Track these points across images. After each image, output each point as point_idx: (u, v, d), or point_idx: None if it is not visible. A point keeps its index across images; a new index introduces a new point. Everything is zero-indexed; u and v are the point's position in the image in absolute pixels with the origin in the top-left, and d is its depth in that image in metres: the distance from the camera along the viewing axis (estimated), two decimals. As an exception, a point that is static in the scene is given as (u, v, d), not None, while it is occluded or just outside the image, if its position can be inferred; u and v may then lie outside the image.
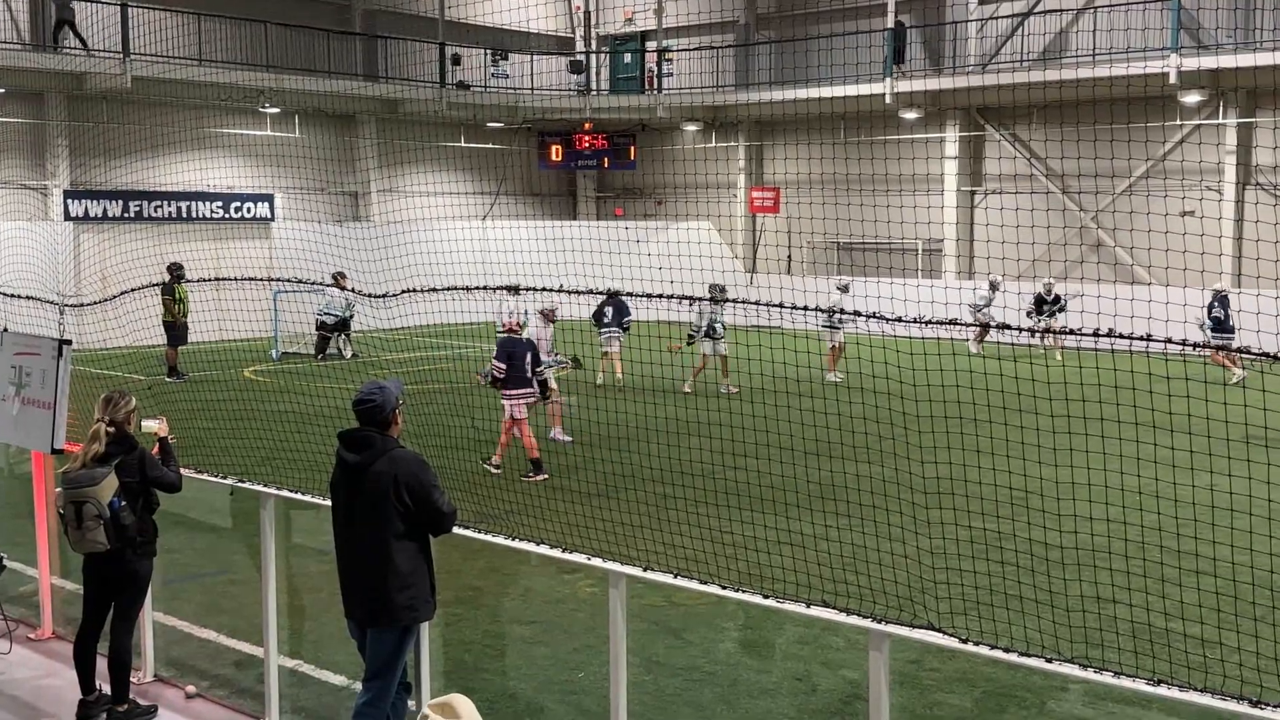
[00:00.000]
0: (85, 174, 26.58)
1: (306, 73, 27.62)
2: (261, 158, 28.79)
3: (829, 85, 27.03)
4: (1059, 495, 8.17)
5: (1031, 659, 4.77)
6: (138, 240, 21.15)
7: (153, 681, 7.38)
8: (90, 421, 6.89)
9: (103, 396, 6.85)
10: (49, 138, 26.14)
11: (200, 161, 26.55)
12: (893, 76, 27.48)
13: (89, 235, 25.18)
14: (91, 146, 26.29)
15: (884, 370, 8.64)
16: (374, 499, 5.68)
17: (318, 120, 29.87)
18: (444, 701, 3.16)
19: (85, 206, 25.88)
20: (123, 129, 26.29)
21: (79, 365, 9.00)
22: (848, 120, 28.96)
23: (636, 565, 5.86)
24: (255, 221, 28.08)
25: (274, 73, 26.79)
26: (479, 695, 6.93)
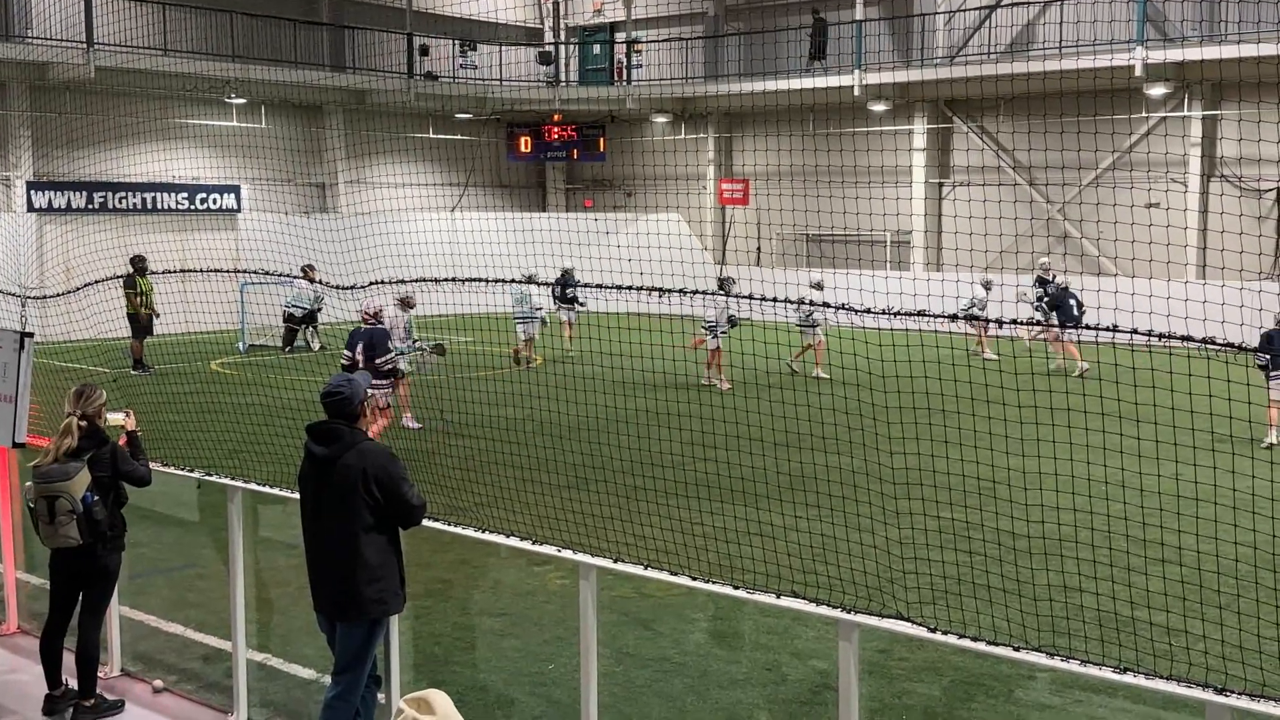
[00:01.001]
0: (48, 165, 26.28)
1: (273, 63, 27.40)
2: (227, 149, 28.55)
3: (798, 77, 27.08)
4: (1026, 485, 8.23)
5: (999, 648, 4.80)
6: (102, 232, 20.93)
7: (119, 676, 7.32)
8: (54, 415, 6.82)
9: (73, 390, 6.79)
10: (11, 128, 25.83)
11: (165, 152, 26.30)
12: (813, 74, 27.53)
13: (52, 227, 24.89)
14: (55, 137, 25.98)
15: (853, 362, 8.67)
16: (343, 492, 5.65)
17: (284, 111, 29.65)
18: (420, 696, 3.14)
19: (49, 198, 25.60)
20: (86, 119, 26.01)
21: (42, 358, 8.90)
22: (816, 112, 29.03)
23: (607, 557, 5.86)
24: (221, 213, 27.87)
25: (240, 63, 26.57)
26: (449, 688, 6.90)
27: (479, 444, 12.79)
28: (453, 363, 19.28)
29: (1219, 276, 21.12)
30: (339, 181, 30.93)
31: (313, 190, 31.15)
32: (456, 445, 12.71)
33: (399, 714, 3.09)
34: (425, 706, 3.10)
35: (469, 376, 17.46)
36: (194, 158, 27.69)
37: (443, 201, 32.63)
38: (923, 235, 28.99)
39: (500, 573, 9.47)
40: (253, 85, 27.05)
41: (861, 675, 5.38)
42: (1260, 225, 24.15)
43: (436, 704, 3.11)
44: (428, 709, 3.10)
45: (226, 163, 28.64)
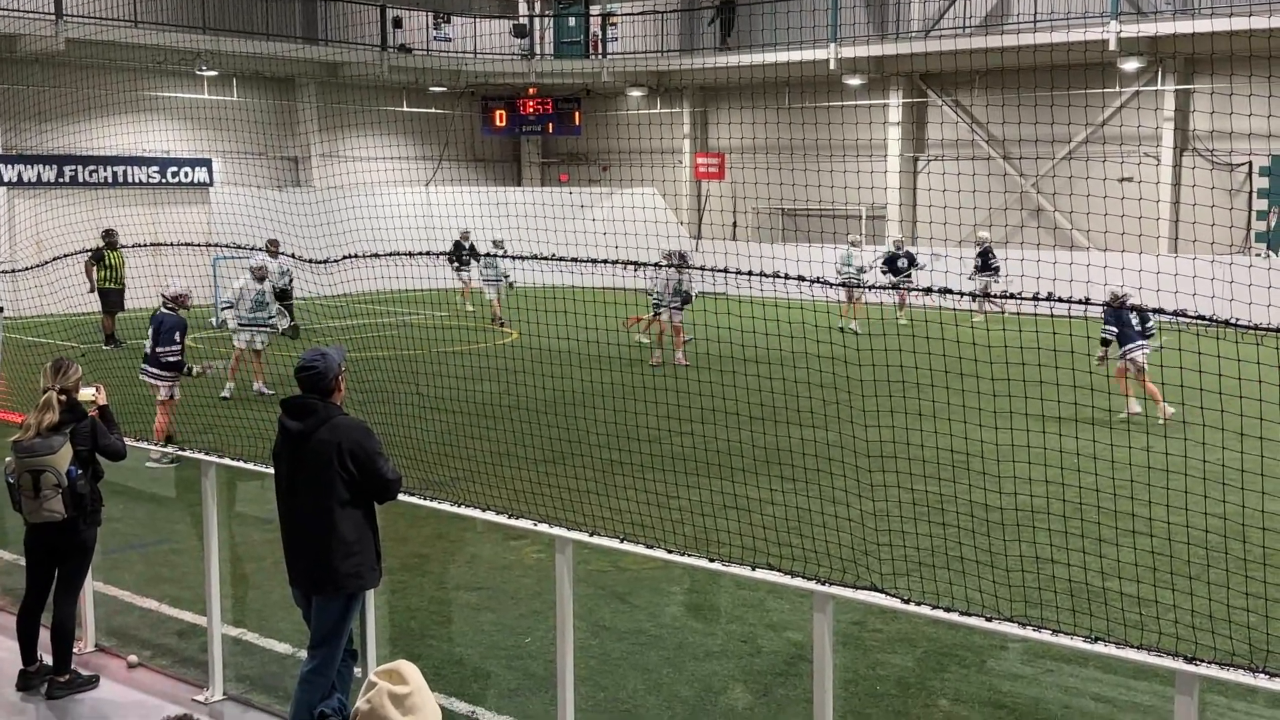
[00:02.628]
0: (17, 138, 25.98)
1: (244, 35, 27.13)
2: (199, 121, 28.28)
3: (773, 51, 27.02)
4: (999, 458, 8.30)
5: (972, 618, 4.84)
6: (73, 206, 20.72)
7: (94, 651, 7.30)
8: (23, 390, 6.77)
9: (50, 364, 6.76)
10: (-21, 101, 25.52)
11: (136, 125, 26.03)
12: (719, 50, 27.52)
13: (22, 201, 24.63)
14: (24, 110, 25.66)
15: (828, 335, 8.69)
16: (317, 467, 5.64)
17: (256, 83, 29.38)
18: (391, 668, 3.15)
19: (18, 171, 25.32)
20: (56, 92, 25.69)
21: (11, 333, 8.83)
22: (792, 86, 28.98)
23: (583, 530, 5.88)
24: (193, 186, 27.63)
25: (211, 34, 26.29)
26: (425, 661, 6.93)
27: (455, 419, 12.77)
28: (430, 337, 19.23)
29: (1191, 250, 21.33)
30: (312, 155, 30.70)
31: (285, 164, 30.91)
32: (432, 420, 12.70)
33: (371, 686, 3.09)
34: (397, 677, 3.11)
35: (445, 351, 17.42)
36: (165, 131, 27.39)
37: (417, 175, 32.45)
38: (898, 209, 29.03)
39: (477, 547, 9.49)
40: (224, 57, 26.77)
41: (836, 646, 5.43)
42: (1232, 199, 24.30)
43: (408, 675, 3.12)
44: (400, 680, 3.10)
45: (198, 136, 28.38)
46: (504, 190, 33.05)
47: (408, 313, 23.99)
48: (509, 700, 6.62)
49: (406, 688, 3.09)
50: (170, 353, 12.16)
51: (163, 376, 12.23)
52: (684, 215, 32.74)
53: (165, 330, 12.27)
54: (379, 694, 3.06)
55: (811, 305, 9.04)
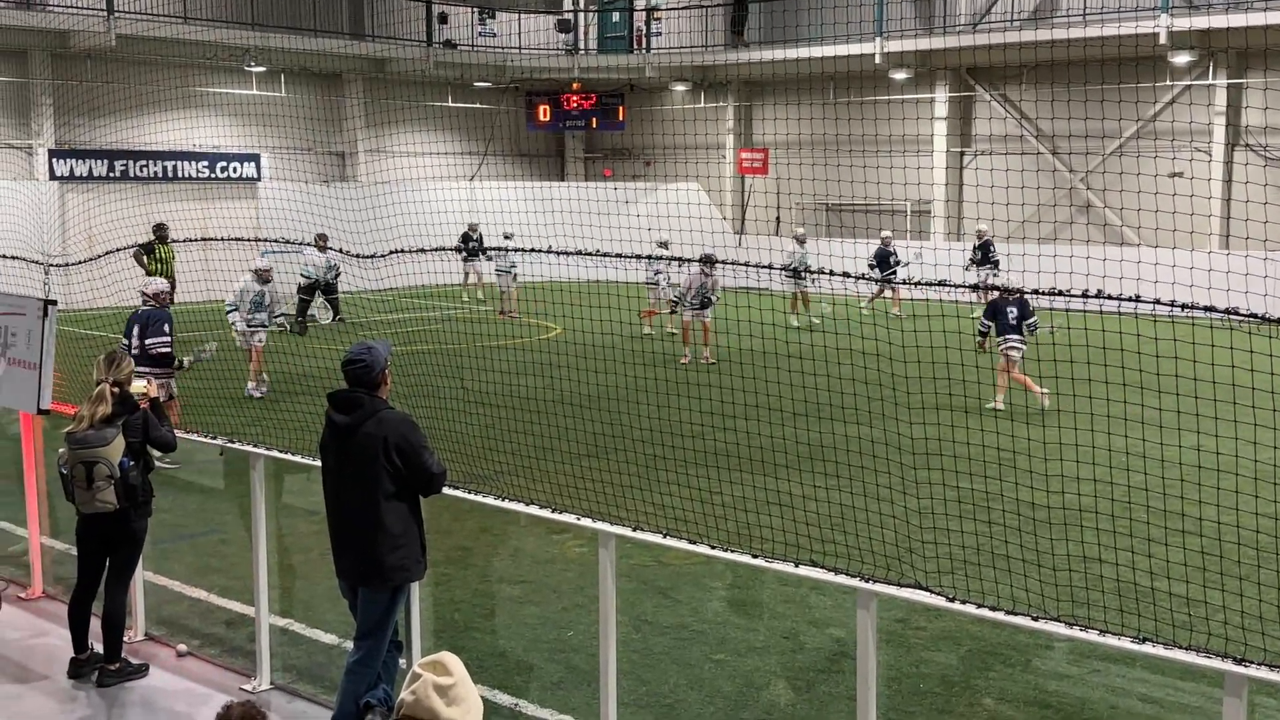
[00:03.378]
0: (70, 133, 26.35)
1: (292, 31, 27.34)
2: (247, 117, 28.54)
3: (818, 45, 26.90)
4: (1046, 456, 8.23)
5: (1017, 617, 4.81)
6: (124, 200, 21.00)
7: (144, 640, 7.40)
8: (76, 382, 6.87)
9: (103, 357, 6.86)
10: (34, 96, 25.89)
11: (186, 121, 26.33)
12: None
13: (74, 195, 24.99)
14: (77, 105, 26.03)
15: (872, 331, 8.65)
16: (364, 460, 5.69)
17: (304, 79, 29.63)
18: (435, 660, 3.18)
19: (70, 166, 25.68)
20: (108, 87, 26.04)
21: (65, 326, 8.97)
22: (837, 81, 28.83)
23: (626, 525, 5.89)
24: (241, 181, 27.91)
25: (260, 31, 26.53)
26: (469, 654, 6.97)
27: (499, 413, 12.83)
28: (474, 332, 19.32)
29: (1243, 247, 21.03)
30: (359, 150, 30.92)
31: (332, 159, 31.16)
32: (476, 414, 12.77)
33: (416, 678, 3.12)
34: (441, 669, 3.14)
35: (488, 346, 17.51)
36: (214, 126, 27.71)
37: (462, 170, 32.59)
38: (943, 205, 28.82)
39: (520, 540, 9.53)
40: (272, 53, 27.02)
41: (879, 644, 5.40)
42: (1285, 195, 23.93)
43: (451, 666, 3.15)
44: (444, 671, 3.13)
45: (247, 131, 28.66)
46: (548, 185, 33.13)
47: (452, 307, 24.13)
48: (551, 693, 6.65)
49: (450, 679, 3.12)
50: (160, 343, 11.59)
51: (153, 373, 10.76)
52: (727, 211, 32.67)
53: (154, 321, 11.72)
54: (424, 685, 3.09)
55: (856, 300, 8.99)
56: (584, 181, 34.75)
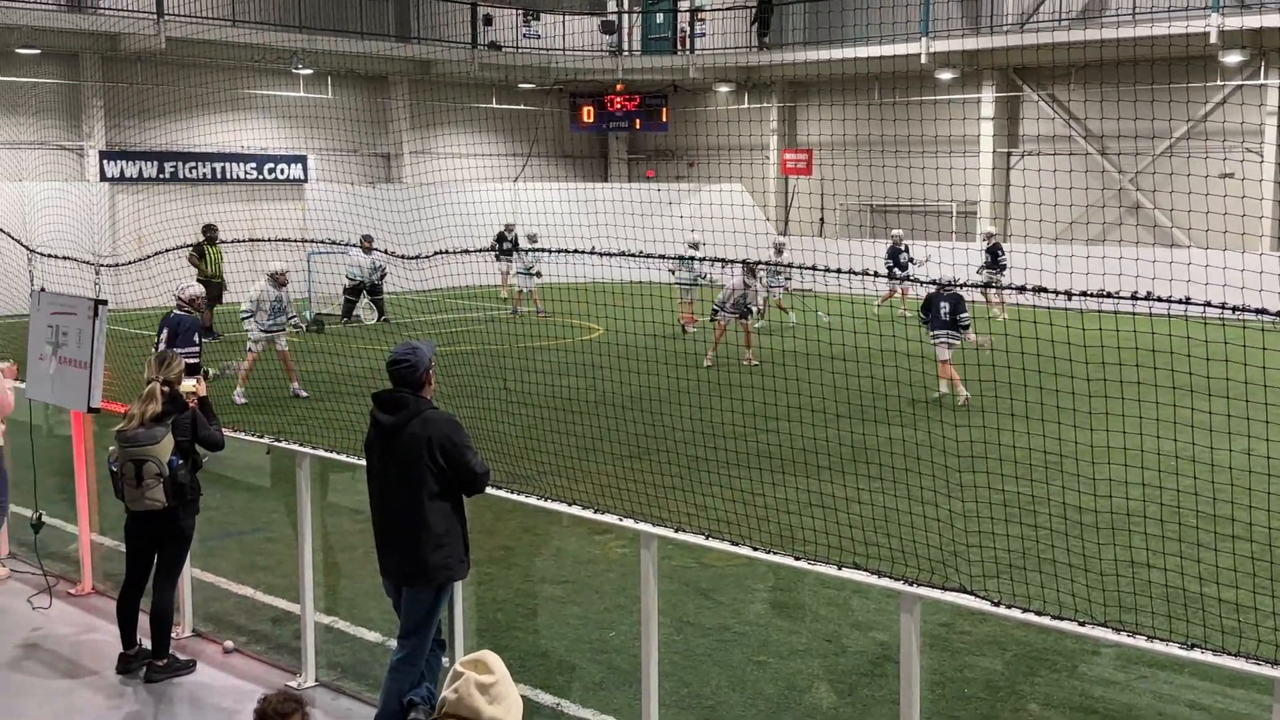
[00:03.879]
0: (120, 135, 26.71)
1: (339, 33, 27.59)
2: (294, 119, 28.83)
3: (863, 45, 26.77)
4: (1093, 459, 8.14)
5: (1063, 622, 4.76)
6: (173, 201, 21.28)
7: (191, 637, 7.49)
8: (126, 381, 6.96)
9: (154, 356, 6.95)
10: (85, 99, 26.27)
11: (234, 123, 26.62)
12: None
13: (124, 196, 25.33)
14: (127, 107, 26.39)
15: (918, 333, 8.60)
16: (408, 459, 5.72)
17: (350, 81, 29.87)
18: (476, 658, 3.20)
19: (121, 167, 26.03)
20: (157, 90, 26.38)
21: (114, 325, 9.09)
22: (882, 81, 28.68)
23: (668, 526, 5.88)
24: (288, 183, 28.18)
25: (307, 33, 26.78)
26: (511, 653, 7.00)
27: (541, 413, 12.87)
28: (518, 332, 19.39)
29: (1295, 248, 20.53)
30: (404, 152, 31.13)
31: (378, 160, 31.39)
32: (519, 414, 12.81)
33: (458, 676, 3.14)
34: (483, 667, 3.15)
35: (532, 346, 17.56)
36: (262, 128, 28.00)
37: (505, 172, 32.71)
38: (989, 206, 28.59)
39: (562, 541, 9.55)
40: (319, 56, 27.28)
41: (923, 648, 5.37)
42: (1339, 196, 23.55)
43: (492, 665, 3.17)
44: (485, 669, 3.15)
45: (294, 133, 28.94)
46: (591, 187, 33.19)
47: (495, 308, 24.23)
48: (593, 694, 6.66)
49: (492, 677, 3.14)
50: (189, 354, 11.61)
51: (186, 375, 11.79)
52: (770, 212, 32.59)
53: (184, 330, 11.95)
54: (466, 683, 3.11)
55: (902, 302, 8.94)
56: (627, 183, 34.78)
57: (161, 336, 12.17)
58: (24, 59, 24.44)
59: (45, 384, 8.04)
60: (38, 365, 8.10)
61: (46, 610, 7.89)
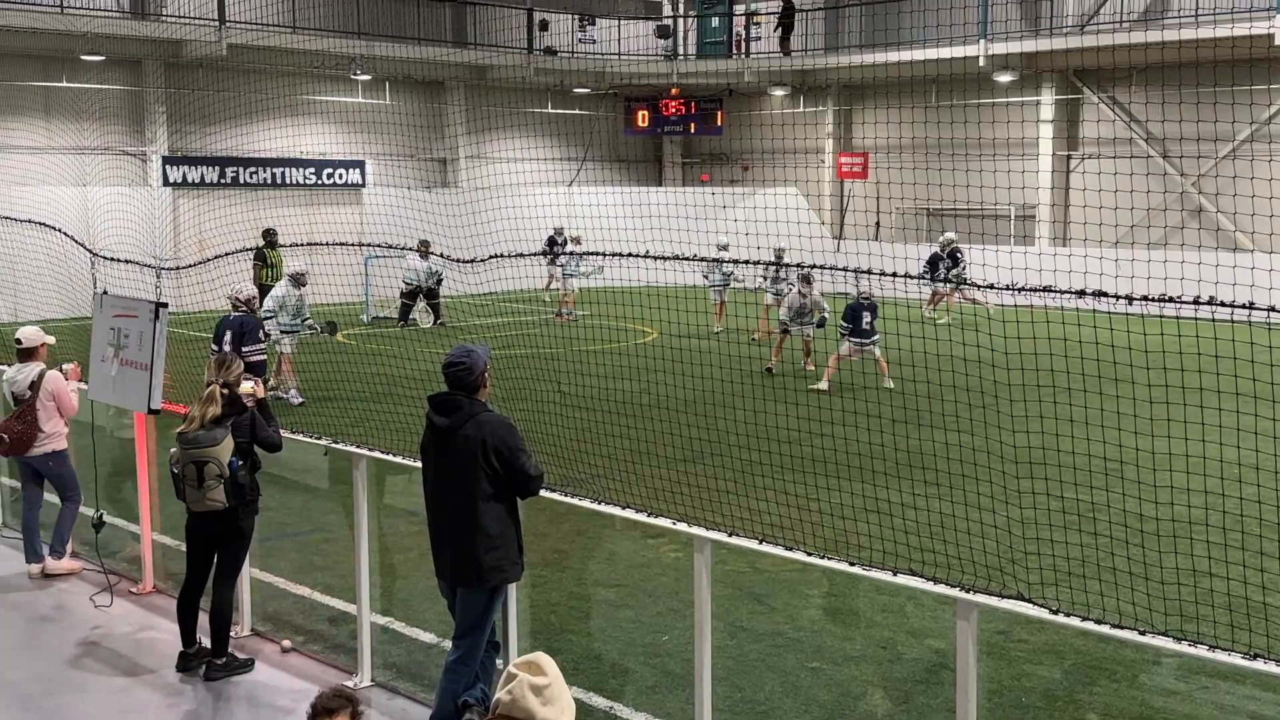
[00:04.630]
0: (182, 140, 27.13)
1: (397, 40, 27.84)
2: (353, 124, 29.13)
3: (920, 48, 26.59)
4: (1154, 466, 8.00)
5: (1123, 631, 4.69)
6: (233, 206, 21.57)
7: (250, 636, 7.57)
8: (186, 383, 7.06)
9: (214, 359, 7.05)
10: (148, 105, 26.71)
11: (293, 128, 26.95)
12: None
13: (186, 200, 25.72)
14: (188, 113, 26.80)
15: (974, 338, 8.52)
16: (463, 461, 5.75)
17: (407, 87, 30.13)
18: (530, 660, 3.21)
19: (183, 172, 26.43)
20: (219, 96, 26.77)
21: (174, 328, 9.22)
22: (939, 84, 28.46)
23: (721, 531, 5.87)
24: (346, 187, 28.47)
25: (365, 40, 27.06)
26: (564, 656, 7.01)
27: (595, 416, 12.89)
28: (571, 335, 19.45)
29: (1364, 252, 20.18)
30: (460, 156, 31.34)
31: (434, 165, 31.62)
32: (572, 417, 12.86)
33: (512, 678, 3.15)
34: (536, 669, 3.16)
35: (586, 350, 17.60)
36: (321, 133, 28.31)
37: (560, 176, 32.84)
38: (1049, 209, 28.27)
39: (615, 544, 9.56)
40: (377, 62, 27.55)
41: (980, 656, 5.31)
42: None
43: (546, 667, 3.17)
44: (539, 671, 3.16)
45: (352, 138, 29.24)
46: (645, 191, 33.23)
47: (549, 310, 24.31)
48: (646, 697, 6.66)
49: (545, 679, 3.15)
50: (255, 351, 12.12)
51: (245, 377, 12.16)
52: (825, 216, 32.44)
53: (250, 329, 12.19)
54: (520, 685, 3.11)
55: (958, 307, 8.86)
56: (681, 187, 34.78)
57: (225, 339, 12.36)
58: (89, 66, 24.90)
59: (107, 385, 8.18)
60: (100, 367, 8.24)
61: (108, 609, 8.02)
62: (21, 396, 8.73)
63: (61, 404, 8.77)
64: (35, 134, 25.02)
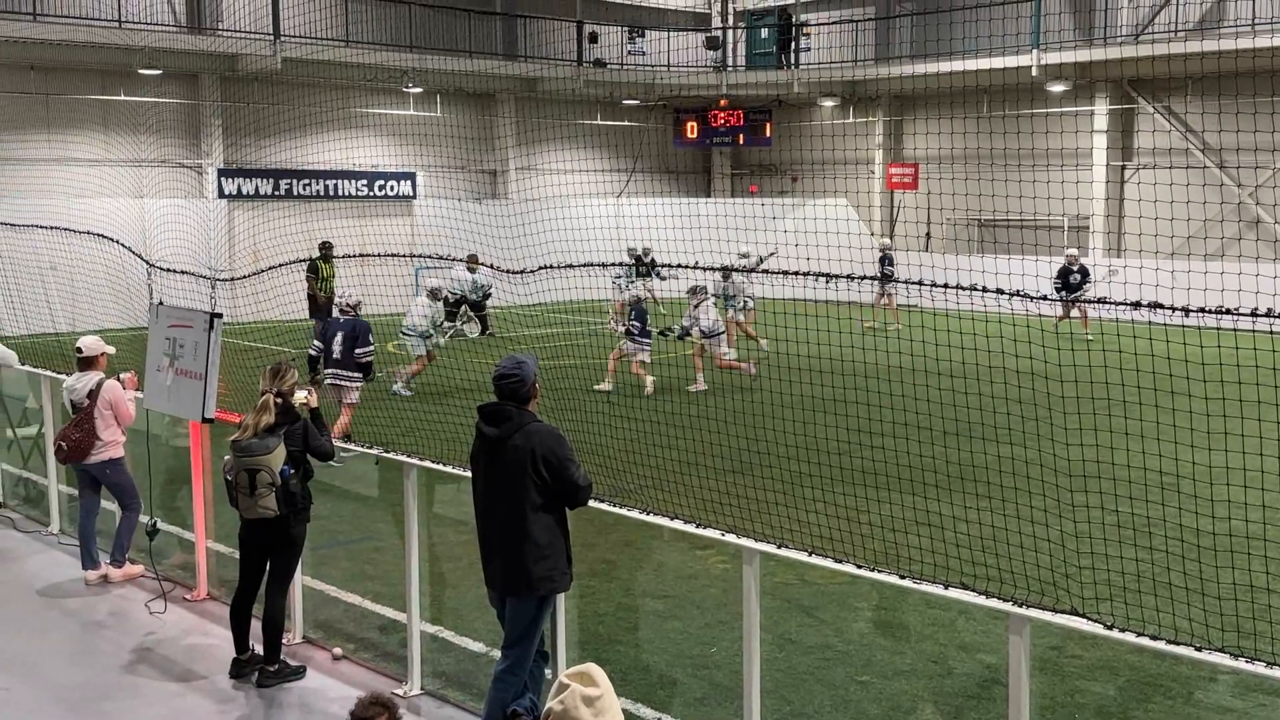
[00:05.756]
0: (238, 153, 27.49)
1: (448, 52, 28.08)
2: (404, 137, 29.39)
3: (972, 58, 26.42)
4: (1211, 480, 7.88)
5: (1179, 647, 4.62)
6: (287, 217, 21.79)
7: (302, 643, 7.64)
8: (241, 392, 7.15)
9: (269, 368, 7.12)
10: (204, 118, 27.10)
11: (346, 140, 27.24)
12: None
13: (241, 212, 26.06)
14: (244, 126, 27.17)
15: (1027, 349, 8.44)
16: (512, 471, 5.78)
17: (458, 99, 30.36)
18: (582, 671, 3.21)
19: (238, 184, 26.78)
20: (273, 109, 27.11)
21: (229, 338, 9.34)
22: (991, 94, 28.27)
23: (770, 542, 5.85)
24: (398, 199, 28.72)
25: (417, 53, 27.31)
26: (612, 667, 7.01)
27: (643, 427, 12.90)
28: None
29: None
30: (510, 168, 31.53)
31: (484, 176, 31.83)
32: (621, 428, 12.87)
33: (564, 688, 3.15)
34: (588, 680, 3.17)
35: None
36: (373, 146, 28.60)
37: (609, 187, 32.94)
38: (1103, 220, 27.96)
39: (663, 555, 9.55)
40: (429, 74, 27.79)
41: (1032, 671, 5.25)
42: None
43: (597, 678, 3.18)
44: (590, 682, 3.16)
45: (403, 150, 29.49)
46: (694, 202, 33.25)
47: (597, 322, 24.35)
48: (695, 709, 6.64)
49: (597, 690, 3.15)
50: (367, 353, 12.85)
51: (354, 378, 12.79)
52: (875, 226, 32.29)
53: (361, 332, 12.90)
54: (572, 695, 3.12)
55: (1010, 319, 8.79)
56: (730, 198, 34.77)
57: (336, 340, 12.93)
58: (146, 79, 25.31)
59: (162, 394, 8.29)
60: (155, 376, 8.35)
61: (162, 615, 8.12)
62: (80, 405, 8.87)
63: (119, 413, 8.90)
64: (94, 147, 25.45)
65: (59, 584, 8.91)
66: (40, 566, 9.34)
